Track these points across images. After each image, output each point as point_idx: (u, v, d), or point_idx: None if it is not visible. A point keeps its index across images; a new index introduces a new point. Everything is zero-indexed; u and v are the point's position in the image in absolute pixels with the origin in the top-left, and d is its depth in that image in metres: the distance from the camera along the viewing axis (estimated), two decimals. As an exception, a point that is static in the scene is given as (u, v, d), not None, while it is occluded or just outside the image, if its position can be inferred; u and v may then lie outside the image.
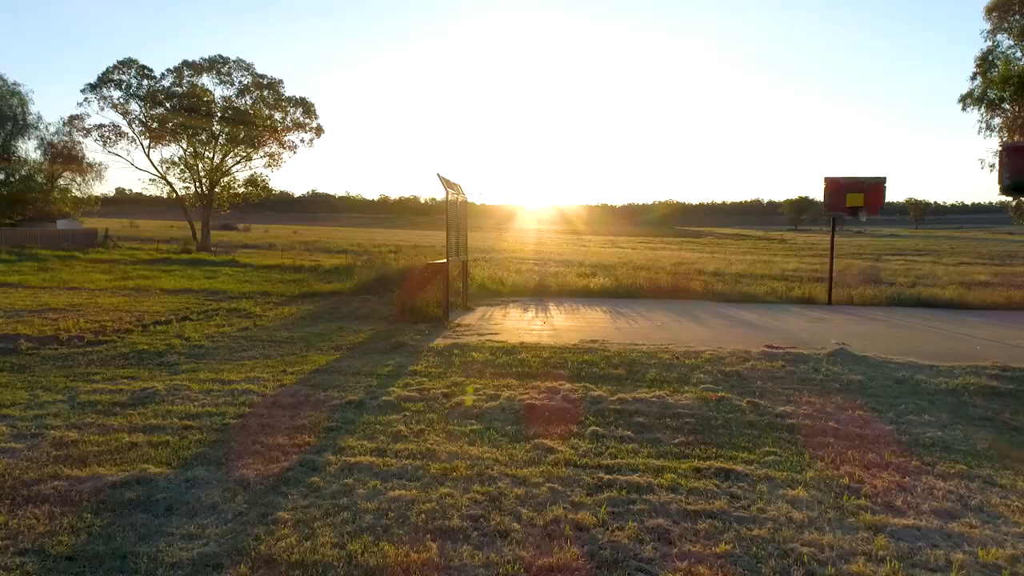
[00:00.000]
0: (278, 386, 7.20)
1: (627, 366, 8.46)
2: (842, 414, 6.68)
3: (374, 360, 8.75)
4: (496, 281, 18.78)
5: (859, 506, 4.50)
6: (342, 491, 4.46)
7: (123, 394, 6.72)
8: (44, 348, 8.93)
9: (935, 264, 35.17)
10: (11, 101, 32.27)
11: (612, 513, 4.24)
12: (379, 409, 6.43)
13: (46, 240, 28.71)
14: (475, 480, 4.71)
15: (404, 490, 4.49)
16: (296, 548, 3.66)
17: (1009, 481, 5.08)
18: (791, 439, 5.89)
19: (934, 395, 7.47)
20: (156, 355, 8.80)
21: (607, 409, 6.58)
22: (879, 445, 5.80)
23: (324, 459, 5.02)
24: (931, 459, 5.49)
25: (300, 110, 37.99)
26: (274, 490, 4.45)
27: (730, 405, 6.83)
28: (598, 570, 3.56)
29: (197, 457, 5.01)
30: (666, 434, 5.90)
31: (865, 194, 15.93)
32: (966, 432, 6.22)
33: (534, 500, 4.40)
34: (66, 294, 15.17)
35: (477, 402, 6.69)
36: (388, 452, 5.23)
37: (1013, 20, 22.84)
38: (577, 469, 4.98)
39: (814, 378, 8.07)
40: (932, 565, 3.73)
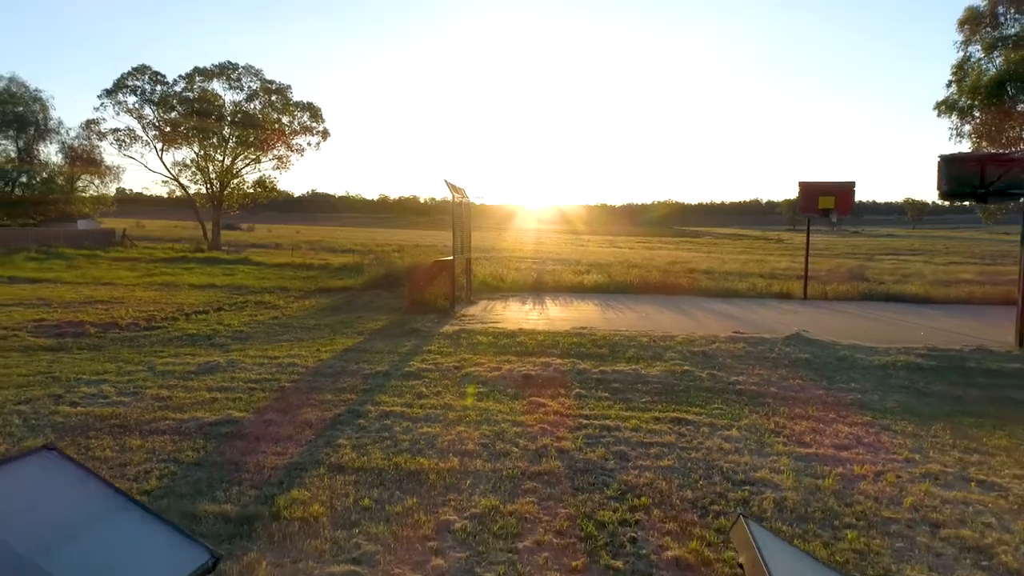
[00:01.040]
0: (317, 360, 8.62)
1: (610, 347, 9.88)
2: (784, 382, 8.10)
3: (393, 342, 10.16)
4: (497, 278, 20.17)
5: (776, 442, 5.92)
6: (383, 428, 5.88)
7: (191, 365, 8.14)
8: (108, 332, 10.35)
9: (926, 264, 36.56)
10: (33, 107, 33.78)
11: (586, 443, 5.66)
12: (403, 377, 7.85)
13: (69, 239, 30.17)
14: (483, 423, 6.13)
15: (430, 428, 5.92)
16: (356, 460, 5.08)
17: (901, 427, 6.49)
18: (737, 399, 7.31)
19: (866, 369, 8.90)
20: (206, 338, 10.22)
21: (590, 378, 8.00)
22: (808, 404, 7.22)
23: (365, 409, 6.44)
24: (846, 413, 6.91)
25: (307, 114, 39.42)
26: (332, 427, 5.87)
27: (692, 375, 8.26)
28: (573, 474, 4.98)
29: (267, 407, 6.43)
30: (636, 395, 7.33)
31: (836, 197, 17.33)
32: (882, 396, 7.65)
33: (528, 435, 5.82)
34: (104, 289, 16.58)
35: (483, 372, 8.12)
36: (414, 405, 6.65)
37: (984, 32, 24.27)
38: (562, 417, 6.40)
39: (768, 356, 9.49)
40: (816, 474, 5.15)
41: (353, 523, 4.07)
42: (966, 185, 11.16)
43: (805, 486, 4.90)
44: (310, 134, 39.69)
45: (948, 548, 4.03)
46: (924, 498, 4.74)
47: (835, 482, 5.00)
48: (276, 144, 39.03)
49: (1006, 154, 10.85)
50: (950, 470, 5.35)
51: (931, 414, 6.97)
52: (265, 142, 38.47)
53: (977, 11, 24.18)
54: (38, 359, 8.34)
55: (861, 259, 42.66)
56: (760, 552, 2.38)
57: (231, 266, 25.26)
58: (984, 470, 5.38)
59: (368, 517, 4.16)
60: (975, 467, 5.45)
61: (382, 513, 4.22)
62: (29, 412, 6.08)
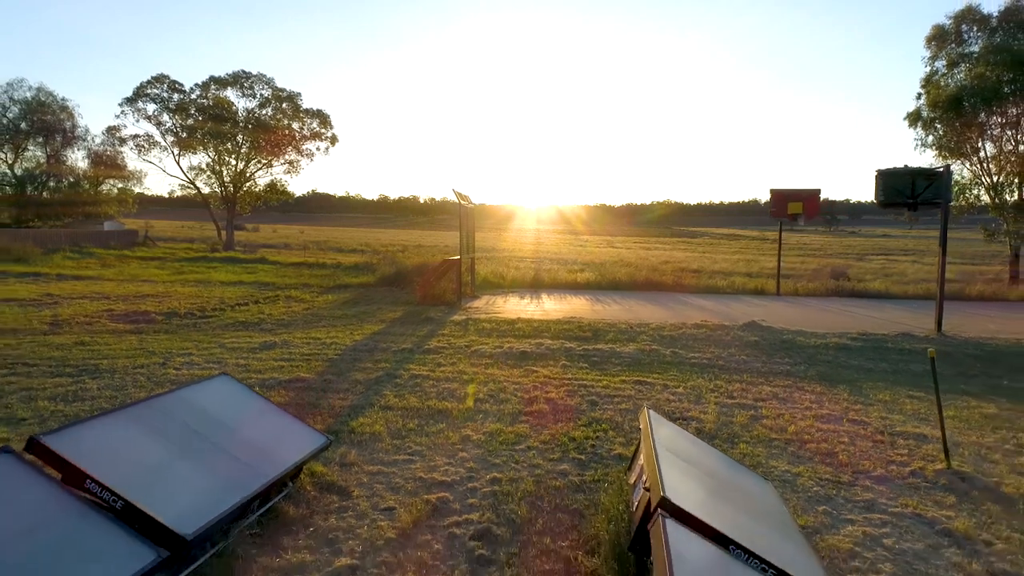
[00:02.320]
0: (352, 341, 10.56)
1: (594, 331, 11.82)
2: (731, 358, 10.04)
3: (411, 328, 12.09)
4: (497, 276, 22.10)
5: (711, 395, 7.85)
6: (414, 383, 7.82)
7: (253, 343, 10.08)
8: (172, 320, 12.28)
9: (913, 263, 38.47)
10: (60, 115, 35.76)
11: (567, 395, 7.60)
12: (424, 352, 9.79)
13: (97, 240, 32.12)
14: (490, 382, 8.07)
15: (449, 384, 7.86)
16: (399, 403, 7.01)
17: (812, 388, 8.43)
18: (690, 369, 9.24)
19: (802, 349, 10.84)
20: (254, 324, 12.16)
21: (575, 354, 9.94)
22: (745, 373, 9.16)
23: (398, 372, 8.38)
24: (773, 379, 8.85)
25: (317, 121, 41.34)
26: (376, 384, 7.81)
27: (658, 352, 10.20)
28: (556, 412, 6.91)
29: (324, 371, 8.37)
30: (610, 366, 9.27)
31: (803, 202, 19.27)
32: (807, 368, 9.58)
33: (523, 389, 7.76)
34: (146, 285, 18.50)
35: (488, 350, 10.05)
36: (436, 370, 8.59)
37: (949, 48, 26.17)
38: (550, 379, 8.34)
39: (724, 339, 11.44)
40: (732, 414, 7.08)
41: (404, 436, 6.00)
42: (900, 195, 13.10)
43: (721, 421, 6.84)
44: (319, 139, 41.63)
45: (805, 453, 5.96)
46: (805, 428, 6.68)
47: (745, 419, 6.94)
48: (287, 149, 40.93)
49: (931, 169, 12.77)
50: (834, 414, 7.28)
51: (840, 379, 8.91)
52: (276, 147, 40.36)
53: (943, 29, 26.06)
54: (127, 339, 10.26)
55: (851, 259, 44.58)
56: (651, 424, 4.34)
57: (251, 265, 27.17)
58: (859, 414, 7.32)
59: (414, 433, 6.09)
60: (854, 412, 7.39)
61: (423, 431, 6.15)
62: (146, 374, 8.01)
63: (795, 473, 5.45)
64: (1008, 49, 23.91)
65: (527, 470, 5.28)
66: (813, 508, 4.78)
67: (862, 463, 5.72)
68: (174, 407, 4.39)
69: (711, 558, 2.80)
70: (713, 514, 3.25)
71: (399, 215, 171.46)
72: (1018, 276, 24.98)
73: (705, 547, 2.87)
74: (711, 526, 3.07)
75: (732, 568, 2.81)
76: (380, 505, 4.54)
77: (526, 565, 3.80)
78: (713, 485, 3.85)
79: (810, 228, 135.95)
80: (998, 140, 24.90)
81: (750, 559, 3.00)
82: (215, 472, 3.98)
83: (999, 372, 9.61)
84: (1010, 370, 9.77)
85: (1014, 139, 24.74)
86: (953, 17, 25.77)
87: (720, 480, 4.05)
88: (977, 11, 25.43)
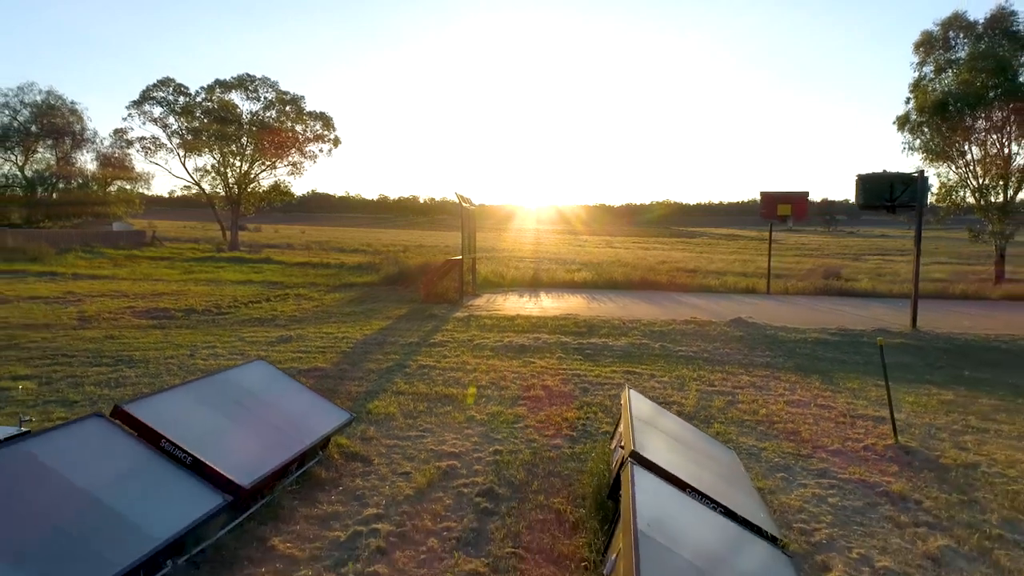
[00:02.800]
0: (363, 335, 11.29)
1: (588, 327, 12.56)
2: (716, 351, 10.78)
3: (417, 324, 12.83)
4: (498, 275, 22.83)
5: (693, 383, 8.59)
6: (422, 373, 8.56)
7: (270, 337, 10.81)
8: (191, 316, 13.01)
9: (909, 263, 39.16)
10: (70, 119, 36.50)
11: (561, 383, 8.33)
12: (430, 345, 10.52)
13: (106, 240, 32.87)
14: (491, 372, 8.80)
15: (455, 373, 8.59)
16: (409, 389, 7.74)
17: (787, 378, 9.16)
18: (676, 361, 9.98)
19: (782, 343, 11.58)
20: (269, 320, 12.89)
21: (570, 347, 10.67)
22: (727, 364, 9.89)
23: (407, 362, 9.12)
24: (752, 370, 9.58)
25: (320, 123, 42.10)
26: (387, 372, 8.54)
27: (647, 346, 10.94)
28: (551, 397, 7.64)
29: (339, 361, 9.10)
30: (602, 358, 10.00)
31: (792, 204, 20.03)
32: (785, 360, 10.32)
33: (521, 378, 8.49)
34: (160, 284, 19.23)
35: (489, 343, 10.79)
36: (442, 361, 9.33)
37: (936, 54, 26.92)
38: (546, 369, 9.08)
39: (710, 333, 12.18)
40: (711, 399, 7.81)
41: (415, 417, 6.74)
42: (878, 198, 13.84)
43: (701, 405, 7.58)
44: (322, 141, 42.38)
45: (773, 431, 6.70)
46: (775, 411, 7.41)
47: (722, 403, 7.67)
48: (290, 151, 41.67)
49: (907, 175, 13.51)
50: (804, 399, 8.02)
51: (815, 370, 9.65)
52: (280, 149, 41.10)
53: (931, 35, 26.80)
54: (153, 334, 11.00)
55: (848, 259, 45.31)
56: (630, 400, 5.07)
57: (257, 264, 27.90)
58: (827, 400, 8.06)
59: (424, 414, 6.83)
60: (823, 398, 8.13)
61: (432, 413, 6.89)
62: (177, 364, 8.74)
63: (761, 447, 6.19)
64: (993, 55, 24.65)
65: (525, 444, 6.02)
66: (772, 475, 5.51)
67: (822, 440, 6.46)
68: (223, 385, 5.12)
69: (668, 494, 3.54)
70: (676, 466, 3.99)
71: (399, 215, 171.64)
72: (1004, 276, 25.73)
73: (665, 487, 3.61)
74: (672, 474, 3.81)
75: (686, 503, 3.55)
76: (398, 470, 5.27)
77: (523, 515, 4.53)
78: (680, 448, 4.59)
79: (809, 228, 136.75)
80: (983, 144, 25.66)
81: (703, 499, 3.74)
82: (261, 437, 4.71)
83: (964, 364, 10.36)
84: (974, 362, 10.51)
85: (999, 143, 25.50)
86: (941, 24, 26.54)
87: (687, 445, 4.79)
88: (964, 18, 26.18)
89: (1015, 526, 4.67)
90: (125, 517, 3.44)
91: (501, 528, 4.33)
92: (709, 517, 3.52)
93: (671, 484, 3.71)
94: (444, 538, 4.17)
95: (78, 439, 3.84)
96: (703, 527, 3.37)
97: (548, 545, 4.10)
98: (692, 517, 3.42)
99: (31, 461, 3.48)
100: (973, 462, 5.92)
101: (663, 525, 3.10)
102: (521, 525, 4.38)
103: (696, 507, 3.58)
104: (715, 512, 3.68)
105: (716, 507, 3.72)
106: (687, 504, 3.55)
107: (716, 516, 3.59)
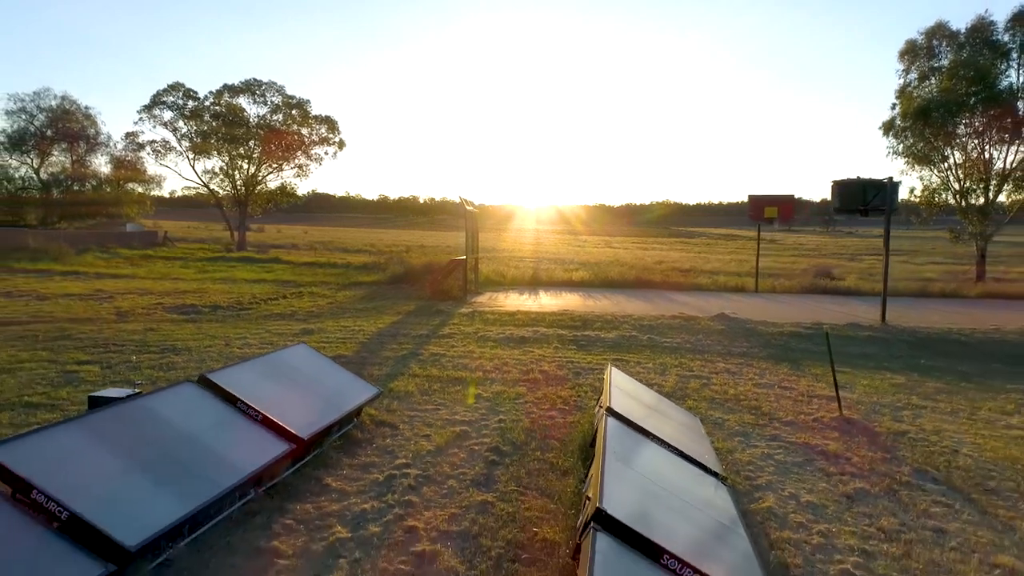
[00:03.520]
0: (377, 328, 12.39)
1: (583, 321, 13.66)
2: (698, 342, 11.88)
3: (425, 318, 13.92)
4: (499, 275, 23.93)
5: (674, 369, 9.68)
6: (434, 360, 9.66)
7: (294, 329, 11.91)
8: (216, 311, 14.10)
9: (904, 263, 40.27)
10: (84, 123, 37.68)
11: (557, 368, 9.43)
12: (439, 337, 11.62)
13: (121, 240, 34.02)
14: (494, 359, 9.90)
15: (462, 360, 9.69)
16: (423, 373, 8.84)
17: (759, 365, 10.25)
18: (661, 350, 11.08)
19: (760, 336, 12.68)
20: (288, 315, 13.99)
21: (565, 338, 11.77)
22: (706, 353, 10.99)
23: (420, 351, 10.22)
24: (729, 358, 10.68)
25: (325, 127, 43.20)
26: (403, 359, 9.64)
27: (636, 338, 12.04)
28: (548, 379, 8.74)
29: (359, 350, 10.20)
30: (594, 347, 11.10)
31: (778, 207, 21.14)
32: (760, 350, 11.42)
33: (522, 364, 9.59)
34: (181, 283, 20.33)
35: (492, 335, 11.88)
36: (450, 350, 10.43)
37: (921, 62, 28.02)
38: (544, 356, 10.17)
39: (694, 327, 13.28)
40: (688, 382, 8.91)
41: (430, 394, 7.83)
42: (853, 203, 14.95)
43: (678, 386, 8.68)
44: (327, 144, 43.48)
45: (738, 407, 7.79)
46: (743, 391, 8.51)
47: (697, 385, 8.77)
48: (296, 154, 42.77)
49: (878, 181, 14.60)
50: (771, 382, 9.12)
51: (785, 359, 10.75)
52: (287, 151, 42.21)
53: (915, 44, 27.92)
54: (187, 327, 12.09)
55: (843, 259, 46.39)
56: (611, 374, 6.18)
57: (267, 264, 29.00)
58: (792, 382, 9.15)
59: (437, 393, 7.92)
60: (788, 381, 9.22)
61: (444, 392, 7.98)
62: (216, 351, 9.84)
63: (725, 419, 7.29)
64: (974, 64, 25.76)
65: (525, 415, 7.12)
66: (732, 439, 6.61)
67: (778, 413, 7.56)
68: (276, 362, 6.22)
69: (634, 438, 4.63)
70: (643, 419, 5.09)
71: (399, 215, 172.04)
72: (984, 275, 26.82)
73: (632, 432, 4.71)
74: (639, 424, 4.91)
75: (647, 444, 4.65)
76: (420, 433, 6.37)
77: (523, 465, 5.62)
78: (650, 410, 5.69)
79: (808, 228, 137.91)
80: (964, 148, 26.76)
81: (662, 444, 4.84)
82: (311, 402, 5.81)
83: (922, 354, 11.46)
84: (931, 352, 11.61)
85: (979, 147, 26.60)
86: (925, 33, 27.65)
87: (656, 409, 5.89)
88: (947, 27, 27.28)
89: (922, 475, 5.76)
90: (220, 454, 4.54)
91: (505, 473, 5.42)
92: (664, 455, 4.62)
93: (637, 432, 4.81)
94: (460, 479, 5.27)
95: (176, 398, 4.94)
96: (659, 460, 4.46)
97: (543, 484, 5.20)
98: (651, 453, 4.52)
99: (149, 412, 4.58)
100: (904, 431, 7.01)
101: (626, 456, 4.19)
102: (522, 471, 5.47)
103: (655, 448, 4.68)
104: (670, 452, 4.78)
105: (672, 450, 4.82)
106: (648, 445, 4.65)
107: (671, 455, 4.69)
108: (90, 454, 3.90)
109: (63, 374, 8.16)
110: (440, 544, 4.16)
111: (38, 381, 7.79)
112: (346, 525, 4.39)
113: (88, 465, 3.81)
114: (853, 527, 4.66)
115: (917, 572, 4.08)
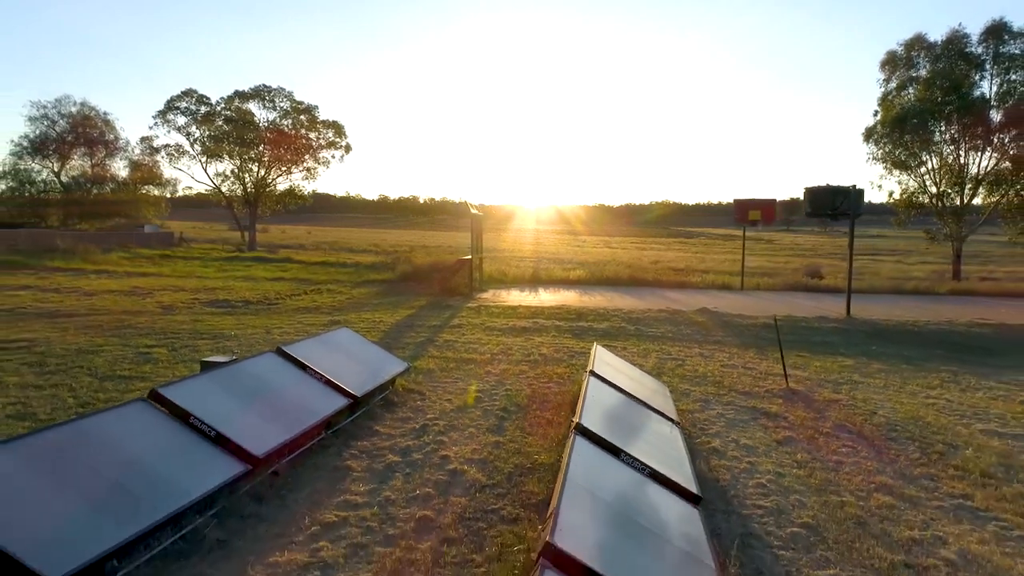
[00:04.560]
0: (394, 320, 13.96)
1: (578, 314, 15.24)
2: (679, 332, 13.45)
3: (436, 312, 15.49)
4: (501, 273, 25.51)
5: (655, 354, 11.25)
6: (448, 344, 11.22)
7: (322, 321, 13.47)
8: (249, 306, 15.65)
9: (896, 264, 41.76)
10: (103, 128, 39.32)
11: (554, 352, 10.99)
12: (450, 327, 13.19)
13: (140, 241, 35.63)
14: (499, 346, 11.46)
15: (473, 345, 11.26)
16: (440, 355, 10.41)
17: (730, 351, 11.82)
18: (645, 338, 12.64)
19: (735, 327, 14.24)
20: (313, 309, 15.54)
21: (562, 328, 13.34)
22: (686, 341, 12.56)
23: (435, 338, 11.79)
24: (705, 344, 12.25)
25: (332, 131, 44.79)
26: (421, 344, 11.21)
27: (624, 328, 13.61)
28: (545, 360, 10.31)
29: (383, 338, 11.76)
30: (587, 335, 12.67)
31: (761, 210, 22.71)
32: (733, 339, 12.98)
33: (523, 349, 11.16)
34: (207, 281, 21.88)
35: (497, 325, 13.45)
36: (461, 337, 11.99)
37: (900, 72, 29.59)
38: (543, 343, 11.74)
39: (677, 319, 14.85)
40: (666, 362, 10.48)
41: (448, 371, 9.39)
42: (823, 208, 16.51)
43: (657, 366, 10.24)
44: (334, 148, 45.08)
45: (704, 381, 9.36)
46: (711, 370, 10.06)
47: (673, 365, 10.34)
48: (304, 157, 44.35)
49: (845, 188, 16.16)
50: (737, 364, 10.67)
51: (753, 345, 12.31)
52: (296, 155, 43.78)
53: (895, 54, 29.50)
54: (226, 319, 13.64)
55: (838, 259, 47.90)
56: (596, 350, 7.77)
57: (281, 264, 30.55)
58: (755, 364, 10.70)
59: (454, 370, 9.48)
60: (752, 363, 10.78)
61: (460, 369, 9.54)
62: (259, 338, 11.39)
63: (692, 389, 8.85)
64: (949, 75, 27.35)
65: (527, 386, 8.68)
66: (695, 403, 8.17)
67: (737, 386, 9.12)
68: (327, 341, 7.79)
69: (608, 390, 6.19)
70: (619, 381, 6.65)
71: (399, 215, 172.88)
72: (960, 274, 28.40)
73: (608, 389, 6.27)
74: (615, 383, 6.47)
75: (616, 394, 6.21)
76: (443, 398, 7.93)
77: (527, 419, 7.19)
78: (625, 376, 7.25)
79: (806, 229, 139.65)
80: (940, 154, 28.33)
81: (634, 399, 6.40)
82: (359, 370, 7.38)
83: (875, 343, 13.03)
84: (884, 341, 13.18)
85: (954, 153, 28.17)
86: (904, 44, 29.22)
87: (632, 377, 7.46)
88: (925, 39, 28.87)
89: (841, 428, 7.33)
90: (308, 406, 6.10)
91: (512, 425, 6.99)
92: (632, 404, 6.19)
93: (613, 388, 6.38)
94: (478, 427, 6.84)
95: (266, 364, 6.50)
96: (627, 407, 6.03)
97: (542, 431, 6.77)
98: (621, 401, 6.09)
99: (247, 374, 6.15)
100: (838, 399, 8.58)
101: (602, 401, 5.76)
102: (525, 423, 7.04)
103: (626, 399, 6.25)
104: (638, 404, 6.34)
105: (640, 402, 6.38)
106: (621, 397, 6.22)
107: (638, 405, 6.26)
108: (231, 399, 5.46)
109: (139, 354, 9.71)
110: (467, 466, 5.73)
111: (120, 360, 9.34)
112: (396, 454, 5.96)
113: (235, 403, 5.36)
114: (775, 460, 6.23)
115: (814, 485, 5.65)
